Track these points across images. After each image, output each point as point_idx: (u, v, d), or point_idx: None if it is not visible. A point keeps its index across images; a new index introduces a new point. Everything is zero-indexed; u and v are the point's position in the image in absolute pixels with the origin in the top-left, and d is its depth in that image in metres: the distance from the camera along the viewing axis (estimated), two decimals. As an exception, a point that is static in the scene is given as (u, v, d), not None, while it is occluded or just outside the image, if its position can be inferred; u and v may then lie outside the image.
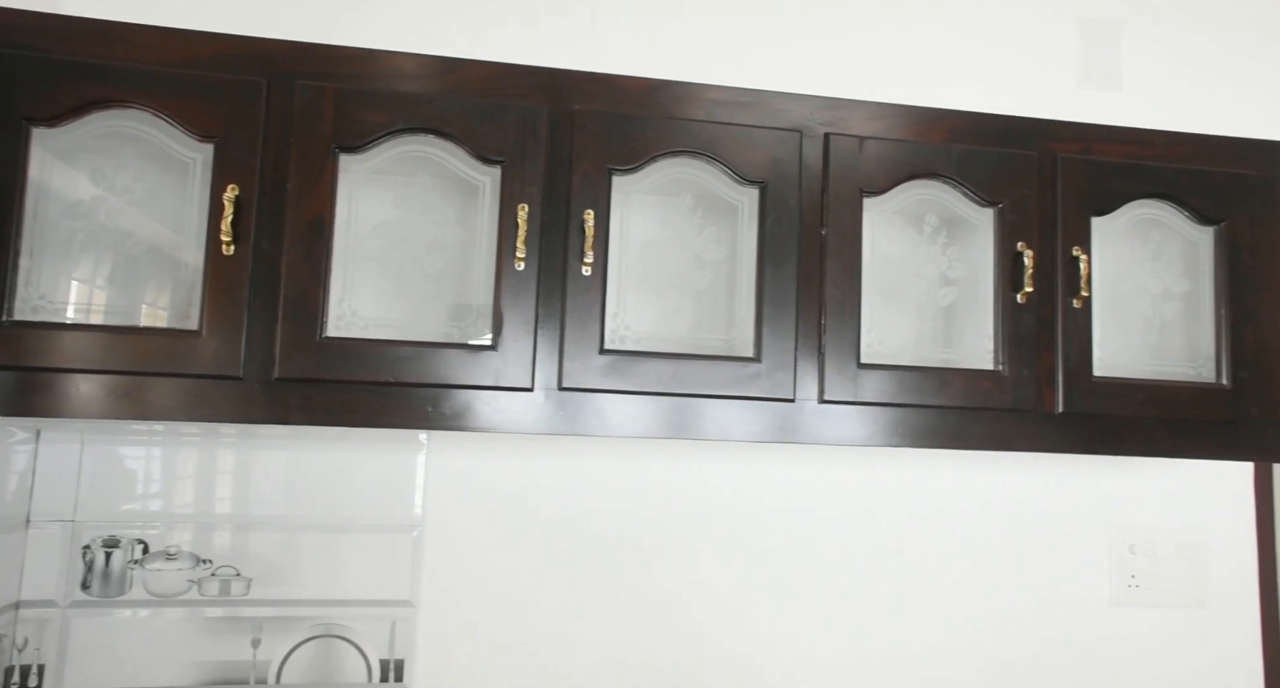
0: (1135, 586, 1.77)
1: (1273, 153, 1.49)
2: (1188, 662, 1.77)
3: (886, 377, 1.35)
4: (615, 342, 1.32)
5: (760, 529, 1.66)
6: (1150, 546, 1.79)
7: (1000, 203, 1.40)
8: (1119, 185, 1.44)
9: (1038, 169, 1.42)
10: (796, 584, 1.66)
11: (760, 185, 1.33)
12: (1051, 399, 1.40)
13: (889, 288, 1.49)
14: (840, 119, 1.37)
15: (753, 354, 1.31)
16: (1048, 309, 1.41)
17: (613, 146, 1.29)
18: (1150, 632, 1.77)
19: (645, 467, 1.63)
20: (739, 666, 1.62)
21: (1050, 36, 1.84)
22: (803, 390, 1.32)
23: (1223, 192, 1.46)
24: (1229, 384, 1.44)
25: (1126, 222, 1.49)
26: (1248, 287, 1.46)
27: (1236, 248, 1.46)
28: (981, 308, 1.43)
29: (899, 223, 1.48)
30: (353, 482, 1.53)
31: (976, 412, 1.38)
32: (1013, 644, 1.71)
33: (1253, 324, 1.46)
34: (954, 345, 1.48)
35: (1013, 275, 1.39)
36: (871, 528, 1.70)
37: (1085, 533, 1.77)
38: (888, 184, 1.38)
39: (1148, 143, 1.45)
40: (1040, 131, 1.43)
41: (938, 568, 1.71)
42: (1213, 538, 1.81)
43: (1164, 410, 1.42)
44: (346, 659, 1.44)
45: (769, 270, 1.32)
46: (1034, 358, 1.39)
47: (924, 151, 1.39)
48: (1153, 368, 1.51)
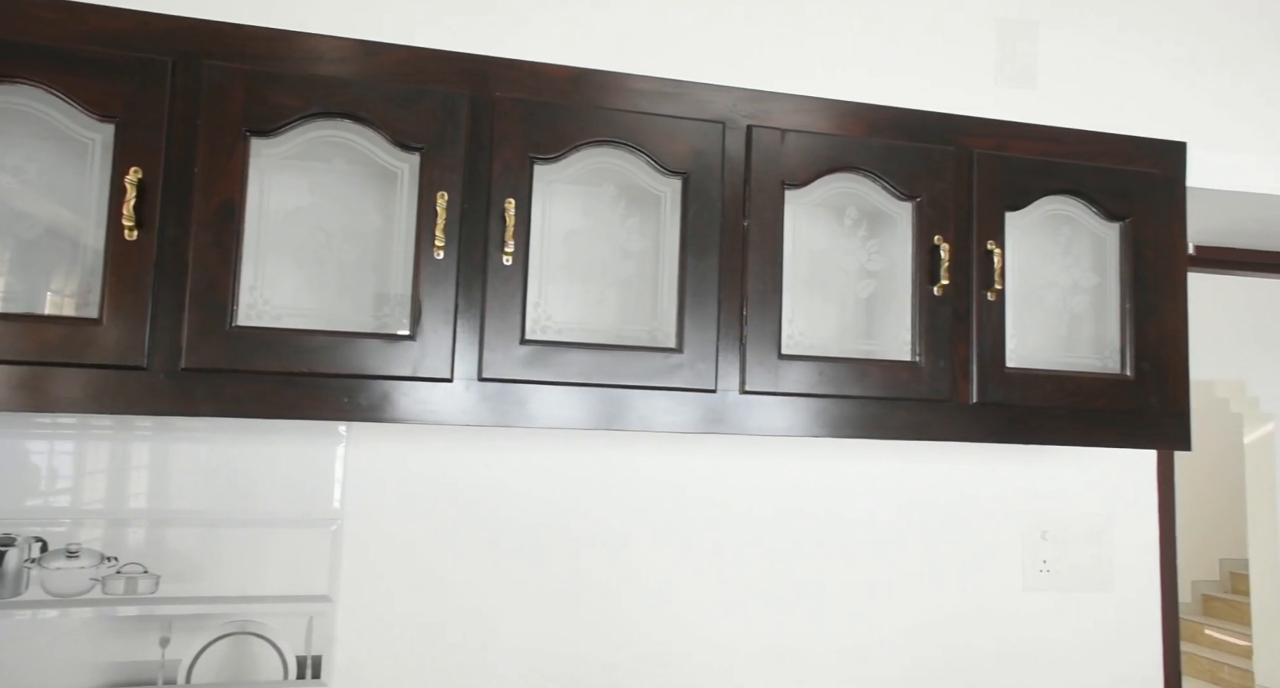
0: (1046, 570, 1.83)
1: (1175, 153, 1.55)
2: (1094, 641, 1.84)
3: (807, 368, 1.36)
4: (536, 332, 1.31)
5: (688, 519, 1.66)
6: (1060, 531, 1.85)
7: (918, 197, 1.43)
8: (1031, 181, 1.48)
9: (954, 164, 1.45)
10: (723, 573, 1.67)
11: (683, 176, 1.33)
12: (966, 390, 1.43)
13: (811, 280, 1.50)
14: (763, 111, 1.38)
15: (675, 345, 1.32)
16: (963, 302, 1.44)
17: (534, 135, 1.28)
18: (1060, 614, 1.83)
19: (573, 457, 1.63)
20: (666, 655, 1.63)
21: (970, 34, 1.88)
22: (724, 381, 1.33)
23: (1128, 189, 1.52)
24: (1132, 375, 1.50)
25: (1038, 217, 1.54)
26: (1150, 282, 1.52)
27: (1140, 244, 1.52)
28: (900, 300, 1.46)
29: (821, 215, 1.50)
30: (271, 475, 1.49)
31: (894, 402, 1.41)
32: (931, 628, 1.76)
33: (1154, 318, 1.51)
34: (876, 337, 1.51)
35: (930, 268, 1.42)
36: (796, 517, 1.72)
37: (1000, 520, 1.82)
38: (809, 177, 1.39)
39: (1059, 140, 1.50)
40: (957, 128, 1.46)
41: (860, 555, 1.74)
42: (1119, 523, 1.88)
43: (1072, 400, 1.47)
44: (261, 657, 1.40)
45: (691, 261, 1.33)
46: (950, 349, 1.42)
47: (845, 145, 1.41)
48: (1062, 359, 1.55)
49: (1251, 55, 2.03)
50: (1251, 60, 2.03)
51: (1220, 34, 2.02)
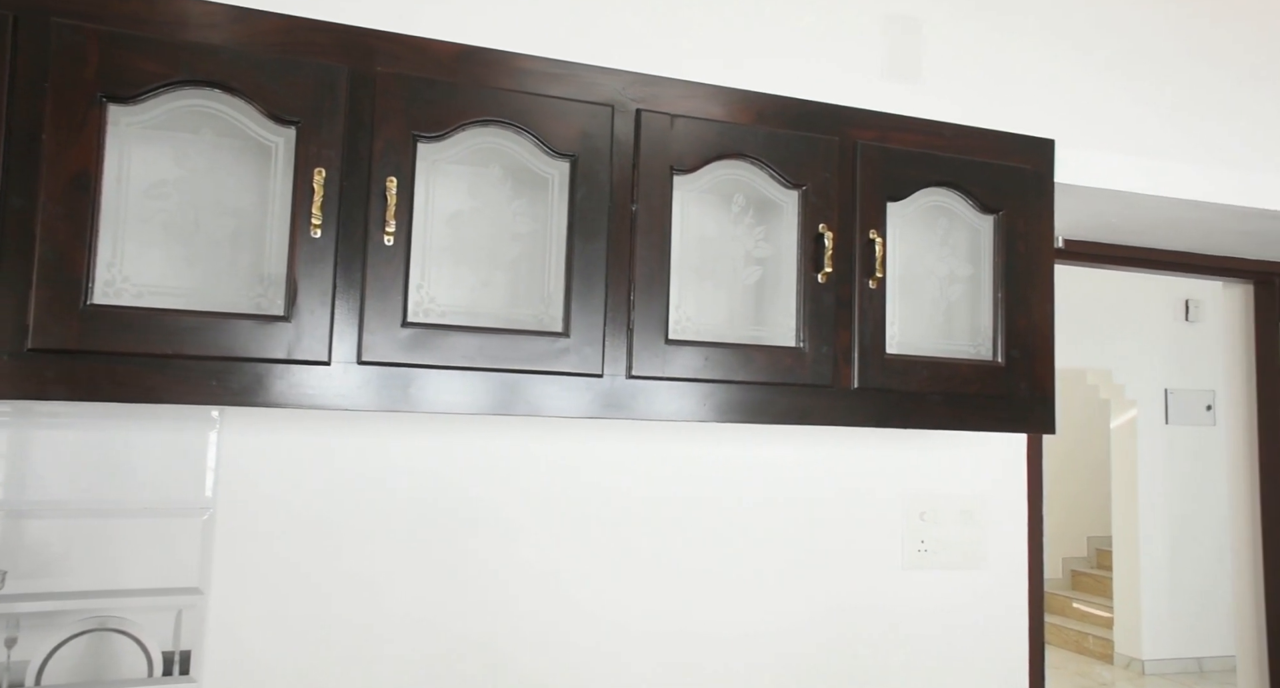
0: (924, 550, 1.91)
1: (1045, 149, 1.62)
2: (968, 617, 1.92)
3: (693, 353, 1.37)
4: (419, 315, 1.28)
5: (578, 503, 1.66)
6: (938, 512, 1.92)
7: (804, 185, 1.45)
8: (912, 173, 1.53)
9: (839, 154, 1.48)
10: (612, 557, 1.67)
11: (571, 159, 1.32)
12: (848, 375, 1.47)
13: (701, 266, 1.52)
14: (652, 96, 1.38)
15: (562, 329, 1.31)
16: (846, 289, 1.47)
17: (418, 112, 1.24)
18: (936, 591, 1.90)
19: (461, 442, 1.60)
20: (555, 637, 1.62)
21: (858, 28, 1.92)
22: (611, 366, 1.33)
23: (1001, 183, 1.58)
24: (1003, 362, 1.56)
25: (919, 208, 1.59)
26: (1020, 273, 1.59)
27: (1012, 236, 1.58)
28: (786, 287, 1.48)
29: (709, 202, 1.51)
30: (138, 463, 1.41)
31: (779, 387, 1.43)
32: (815, 607, 1.80)
33: (1024, 308, 1.58)
34: (765, 323, 1.53)
35: (815, 256, 1.45)
36: (684, 501, 1.73)
37: (882, 502, 1.88)
38: (698, 163, 1.40)
39: (937, 134, 1.55)
40: (842, 118, 1.49)
41: (745, 537, 1.77)
42: (991, 504, 1.97)
43: (947, 386, 1.53)
44: (123, 655, 1.33)
45: (579, 245, 1.32)
46: (833, 336, 1.46)
47: (733, 132, 1.42)
48: (939, 346, 1.61)
49: (1115, 61, 2.14)
50: (1116, 66, 2.14)
51: (1089, 39, 2.12)
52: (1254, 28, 2.28)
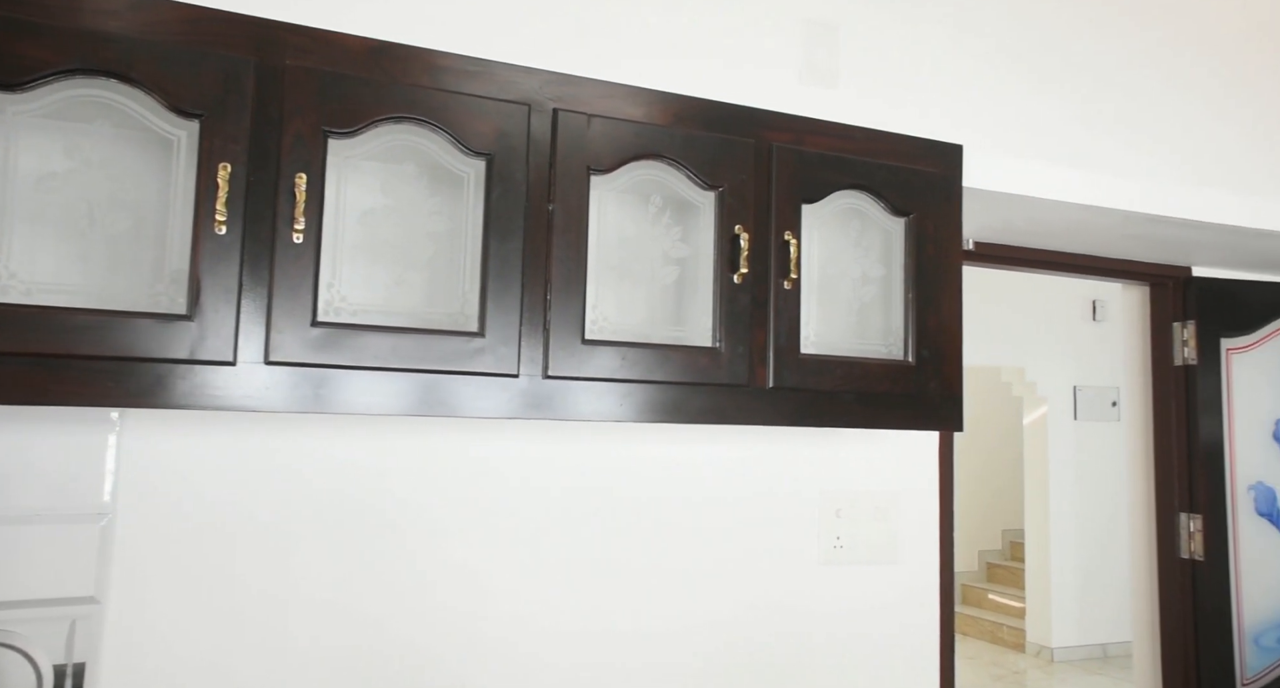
0: (840, 546, 1.94)
1: (953, 155, 1.67)
2: (882, 610, 1.97)
3: (610, 353, 1.38)
4: (330, 314, 1.25)
5: (497, 502, 1.64)
6: (853, 509, 1.96)
7: (721, 187, 1.47)
8: (826, 176, 1.56)
9: (755, 156, 1.50)
10: (532, 555, 1.66)
11: (487, 157, 1.31)
12: (763, 375, 1.49)
13: (620, 266, 1.52)
14: (569, 95, 1.38)
15: (477, 329, 1.30)
16: (762, 290, 1.49)
17: (329, 107, 1.22)
18: (852, 586, 1.95)
19: (383, 443, 1.57)
20: (480, 638, 1.61)
21: (778, 33, 1.94)
22: (527, 366, 1.32)
23: (912, 187, 1.62)
24: (913, 362, 1.61)
25: (833, 210, 1.62)
26: (930, 274, 1.63)
27: (922, 239, 1.63)
28: (703, 287, 1.50)
29: (628, 202, 1.52)
30: (29, 467, 1.35)
31: (695, 387, 1.44)
32: (733, 604, 1.82)
33: (933, 308, 1.63)
34: (684, 323, 1.54)
35: (731, 257, 1.47)
36: (605, 500, 1.74)
37: (799, 499, 1.91)
38: (615, 163, 1.40)
39: (850, 138, 1.58)
40: (758, 121, 1.51)
41: (666, 536, 1.78)
42: (905, 500, 2.02)
43: (859, 385, 1.56)
44: (11, 670, 1.27)
45: (494, 244, 1.31)
46: (748, 336, 1.48)
47: (651, 133, 1.43)
48: (852, 346, 1.65)
49: (1023, 72, 2.22)
50: (1023, 76, 2.22)
51: (1000, 50, 2.19)
52: (1147, 45, 2.39)
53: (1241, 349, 2.37)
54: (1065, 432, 6.02)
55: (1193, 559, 2.31)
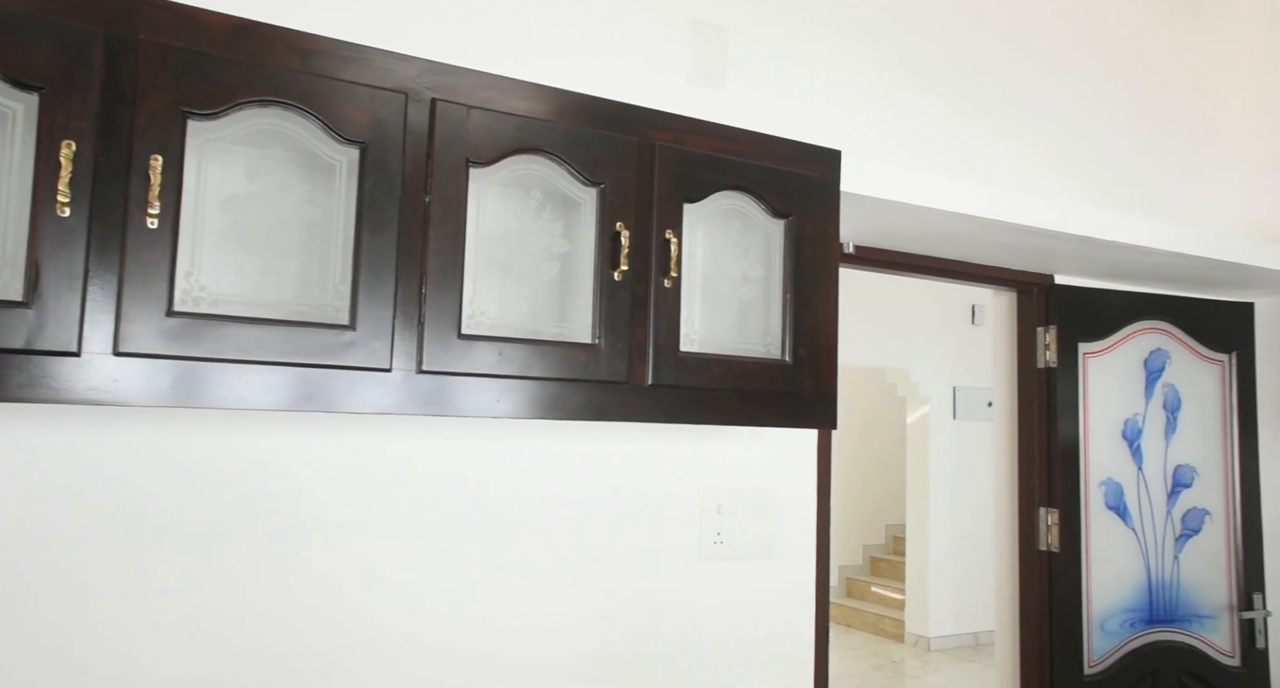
0: (720, 541, 1.97)
1: (832, 159, 1.71)
2: (760, 604, 2.01)
3: (487, 348, 1.36)
4: (188, 303, 1.19)
5: (376, 499, 1.60)
6: (733, 505, 2.00)
7: (602, 183, 1.47)
8: (708, 176, 1.57)
9: (637, 154, 1.50)
10: (409, 552, 1.63)
11: (361, 145, 1.27)
12: (643, 372, 1.50)
13: (499, 260, 1.50)
14: (448, 85, 1.35)
15: (348, 322, 1.26)
16: (642, 287, 1.50)
17: (188, 87, 1.16)
18: (731, 581, 1.98)
19: (249, 437, 1.50)
20: (352, 630, 1.56)
21: (666, 31, 1.96)
22: (401, 360, 1.29)
23: (791, 189, 1.65)
24: (790, 361, 1.64)
25: (715, 210, 1.64)
26: (808, 276, 1.67)
27: (800, 241, 1.67)
28: (584, 284, 1.49)
29: (509, 196, 1.50)
30: None
31: (574, 383, 1.44)
32: (615, 598, 1.82)
33: (810, 309, 1.67)
34: (567, 319, 1.53)
35: (611, 254, 1.47)
36: (487, 496, 1.71)
37: (681, 495, 1.93)
38: (495, 156, 1.38)
39: (733, 139, 1.60)
40: (641, 119, 1.52)
41: (550, 531, 1.76)
42: (784, 497, 2.07)
43: (737, 383, 1.59)
44: None
45: (367, 236, 1.27)
46: (628, 333, 1.48)
47: (532, 127, 1.41)
48: (732, 344, 1.67)
49: (905, 81, 2.30)
50: (905, 85, 2.30)
51: (884, 58, 2.27)
52: (1021, 68, 2.51)
53: (1097, 353, 2.52)
54: (945, 430, 6.28)
55: (1049, 551, 2.44)
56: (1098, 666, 2.44)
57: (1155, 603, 2.53)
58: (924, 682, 5.53)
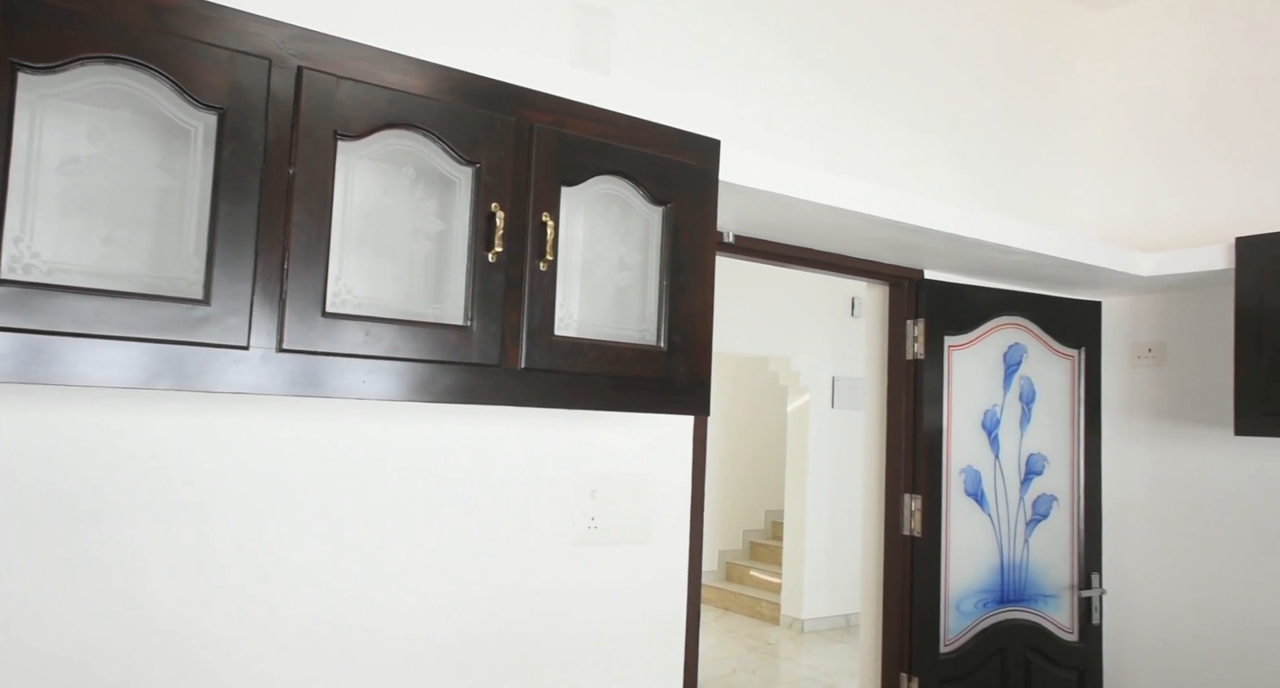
0: (595, 526, 1.98)
1: (711, 149, 1.73)
2: (633, 589, 2.02)
3: (354, 327, 1.32)
4: (17, 271, 1.11)
5: (245, 481, 1.53)
6: (608, 490, 2.00)
7: (478, 163, 1.44)
8: (587, 160, 1.57)
9: (515, 135, 1.48)
10: (277, 537, 1.57)
11: (219, 112, 1.21)
12: (516, 355, 1.48)
13: (369, 237, 1.46)
14: (317, 54, 1.30)
15: (201, 296, 1.20)
16: (517, 269, 1.48)
17: (21, 37, 1.08)
18: (605, 565, 1.99)
19: (107, 420, 1.41)
20: (220, 607, 1.49)
21: (552, 12, 1.93)
22: (259, 338, 1.24)
23: (670, 176, 1.66)
24: (665, 347, 1.66)
25: (593, 194, 1.63)
26: (685, 263, 1.68)
27: (678, 228, 1.68)
28: (457, 264, 1.47)
29: (381, 172, 1.46)
30: None
31: (444, 365, 1.41)
32: (488, 582, 1.81)
33: (686, 296, 1.68)
34: (440, 300, 1.50)
35: (486, 235, 1.44)
36: (362, 478, 1.66)
37: (557, 480, 1.92)
38: (365, 129, 1.34)
39: (613, 124, 1.60)
40: (520, 99, 1.50)
41: (423, 516, 1.73)
42: (659, 482, 2.09)
43: (612, 368, 1.59)
44: None
45: (225, 207, 1.21)
46: (501, 315, 1.46)
47: (406, 102, 1.37)
48: (608, 330, 1.67)
49: (788, 75, 2.35)
50: (788, 79, 2.35)
51: (768, 51, 2.31)
52: (903, 75, 2.60)
53: (961, 346, 2.64)
54: (824, 419, 6.48)
55: (912, 536, 2.55)
56: (953, 644, 2.56)
57: (1006, 584, 2.68)
58: (796, 663, 5.71)
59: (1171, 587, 2.80)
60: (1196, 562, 2.75)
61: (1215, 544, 2.71)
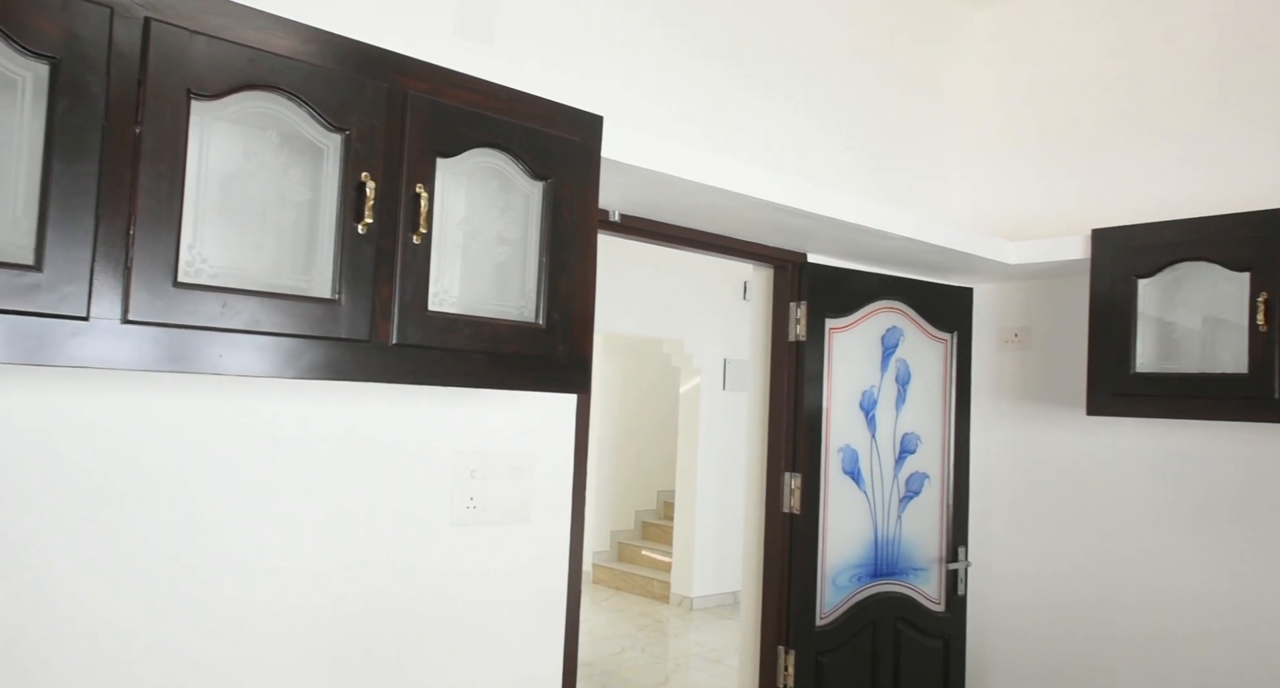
0: (474, 506, 1.95)
1: (594, 124, 1.71)
2: (514, 568, 2.00)
3: (209, 298, 1.25)
4: None
5: (113, 459, 1.44)
6: (488, 469, 1.97)
7: (348, 130, 1.38)
8: (464, 131, 1.52)
9: (388, 102, 1.42)
10: (138, 516, 1.48)
11: (51, 61, 1.12)
12: (387, 330, 1.43)
13: (229, 204, 1.38)
14: (168, 5, 1.21)
15: (32, 262, 1.11)
16: (389, 242, 1.43)
17: None
18: (485, 546, 1.96)
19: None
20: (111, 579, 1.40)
21: (433, -20, 1.87)
22: (101, 308, 1.16)
23: (551, 151, 1.64)
24: (544, 324, 1.63)
25: (471, 167, 1.59)
26: (565, 240, 1.66)
27: (559, 204, 1.65)
28: (325, 235, 1.41)
29: (242, 135, 1.38)
30: None
31: (310, 340, 1.35)
32: (364, 564, 1.76)
33: (567, 273, 1.66)
34: (307, 271, 1.43)
35: (356, 205, 1.39)
36: (233, 455, 1.59)
37: (434, 459, 1.88)
38: (223, 89, 1.26)
39: (492, 95, 1.56)
40: (393, 65, 1.44)
41: (294, 495, 1.67)
42: (541, 461, 2.07)
43: (489, 345, 1.56)
44: None
45: (60, 166, 1.12)
46: (371, 289, 1.41)
47: (269, 62, 1.30)
48: (486, 306, 1.64)
49: (675, 56, 2.34)
50: (675, 60, 2.34)
51: (657, 29, 2.30)
52: (790, 54, 2.63)
53: (841, 329, 2.71)
54: (715, 400, 6.57)
55: (792, 513, 2.61)
56: (828, 617, 2.64)
57: (880, 558, 2.78)
58: (685, 639, 5.81)
59: (1029, 558, 2.96)
60: (1051, 534, 2.91)
61: (1068, 517, 2.87)
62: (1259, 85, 2.56)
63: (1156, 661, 2.65)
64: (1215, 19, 2.66)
